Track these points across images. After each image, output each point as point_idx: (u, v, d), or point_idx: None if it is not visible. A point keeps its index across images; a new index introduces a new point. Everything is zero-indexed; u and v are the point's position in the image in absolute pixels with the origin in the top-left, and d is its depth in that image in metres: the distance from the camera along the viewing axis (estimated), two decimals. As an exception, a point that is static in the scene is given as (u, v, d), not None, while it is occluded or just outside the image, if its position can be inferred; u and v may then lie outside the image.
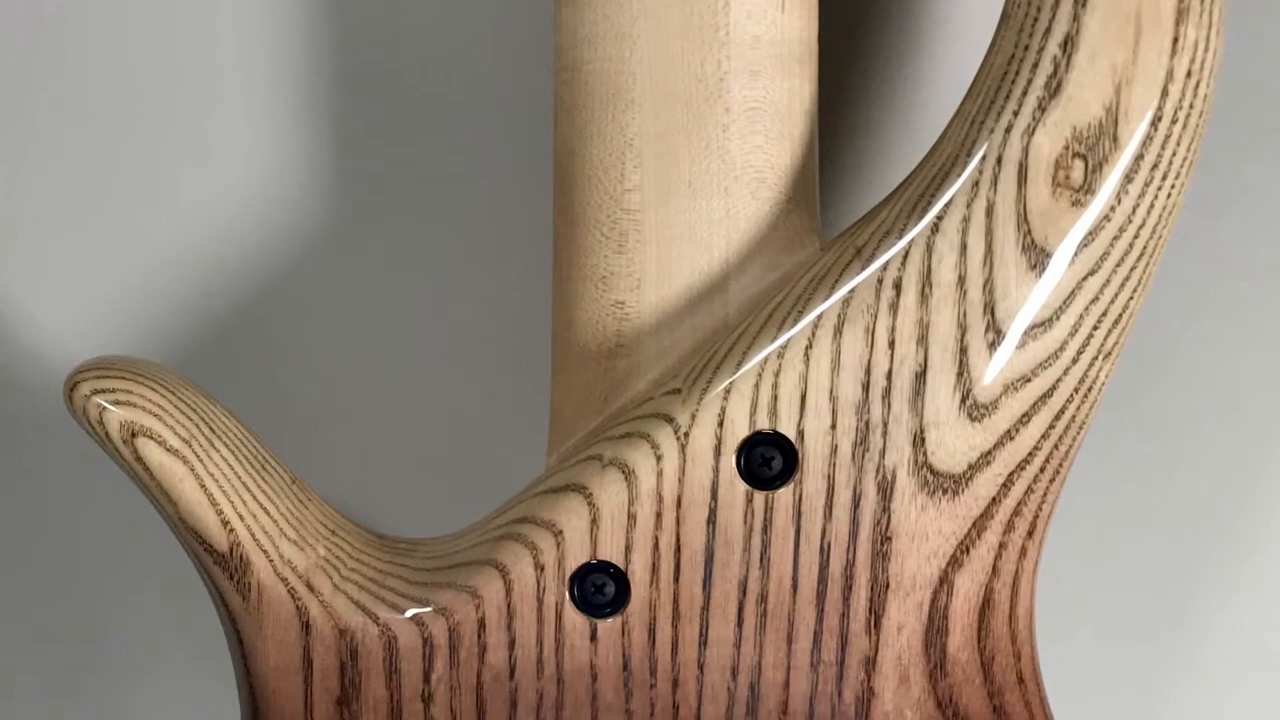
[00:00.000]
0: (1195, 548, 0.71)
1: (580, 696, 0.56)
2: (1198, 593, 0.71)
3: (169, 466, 0.55)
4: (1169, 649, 0.72)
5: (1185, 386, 0.69)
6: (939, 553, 0.54)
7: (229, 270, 0.70)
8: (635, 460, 0.54)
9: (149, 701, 0.76)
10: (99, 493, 0.73)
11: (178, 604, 0.74)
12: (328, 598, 0.56)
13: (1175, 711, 0.73)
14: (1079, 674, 0.72)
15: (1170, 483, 0.70)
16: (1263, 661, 0.72)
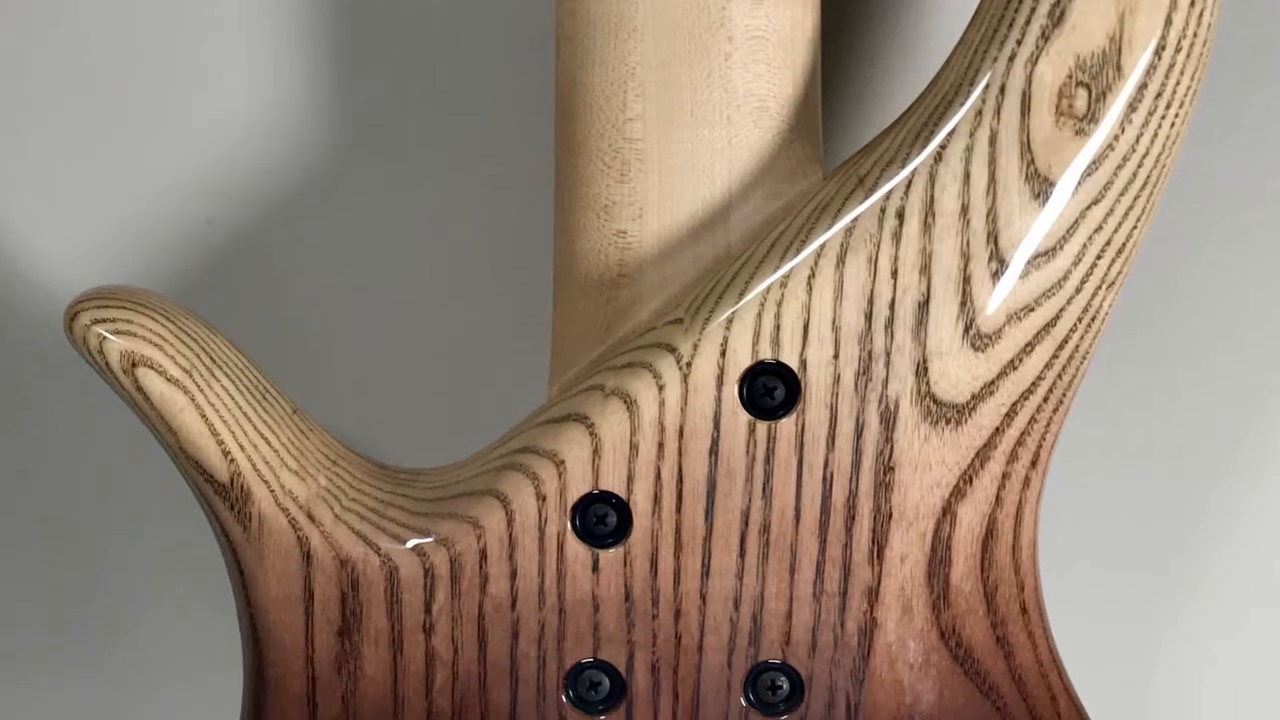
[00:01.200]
0: (1198, 477, 0.72)
1: (582, 627, 0.57)
2: (1201, 522, 0.73)
3: (169, 396, 0.55)
4: (1172, 579, 0.73)
5: (1189, 316, 0.70)
6: (942, 483, 0.56)
7: (230, 198, 0.70)
8: (637, 390, 0.55)
9: (149, 632, 0.77)
10: (99, 423, 0.73)
11: (178, 534, 0.74)
12: (329, 528, 0.57)
13: (1178, 641, 0.74)
14: (1082, 605, 0.72)
15: (1173, 412, 0.71)
16: (1265, 590, 0.74)
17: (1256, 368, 0.71)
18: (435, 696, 0.58)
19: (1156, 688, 0.75)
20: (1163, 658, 0.75)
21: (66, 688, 0.79)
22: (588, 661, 0.57)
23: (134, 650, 0.78)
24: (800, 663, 0.57)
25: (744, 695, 0.58)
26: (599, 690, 0.58)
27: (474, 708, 0.58)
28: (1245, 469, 0.72)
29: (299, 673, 0.58)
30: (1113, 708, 0.65)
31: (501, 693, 0.58)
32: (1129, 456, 0.72)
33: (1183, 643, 0.75)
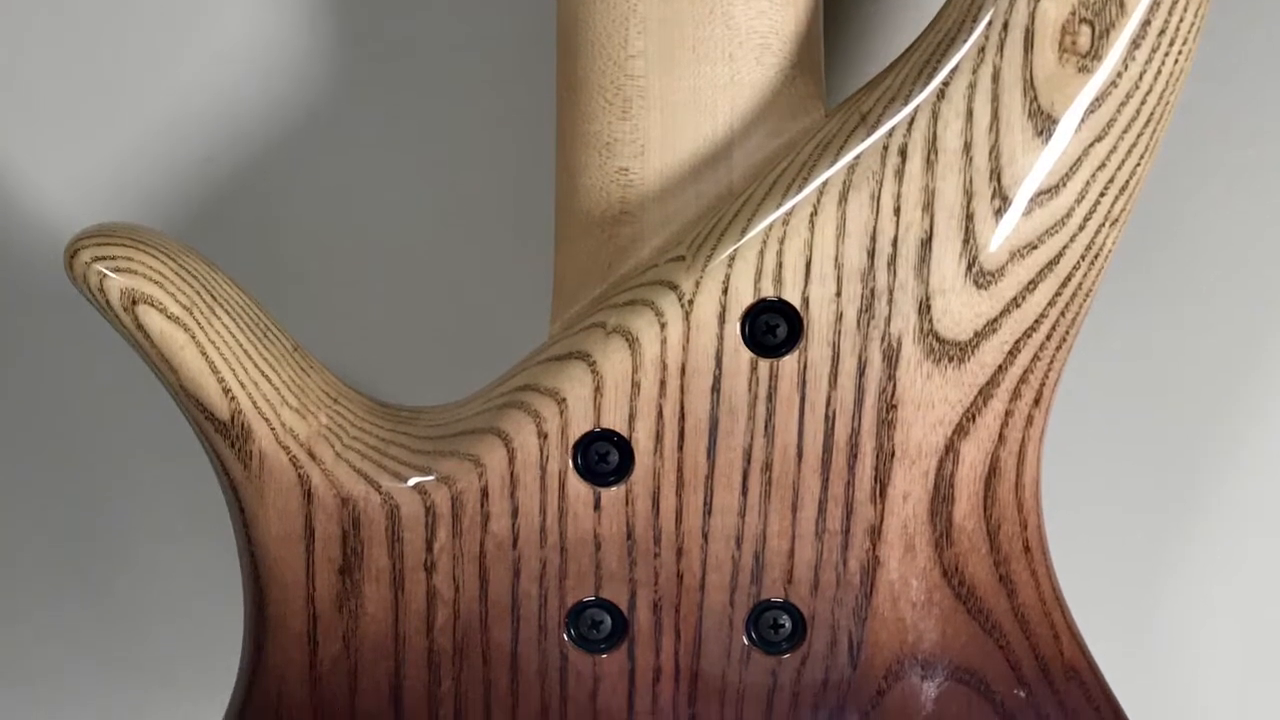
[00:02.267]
0: (1202, 415, 0.73)
1: (584, 565, 0.58)
2: (1204, 460, 0.74)
3: (170, 334, 0.56)
4: (1175, 517, 0.75)
5: (1192, 254, 0.71)
6: (945, 421, 0.57)
7: (230, 136, 0.70)
8: (639, 328, 0.56)
9: (149, 571, 0.78)
10: (100, 360, 0.74)
11: (178, 473, 0.75)
12: (329, 466, 0.58)
13: (1181, 580, 0.75)
14: (1085, 543, 0.73)
15: (1176, 350, 0.72)
16: (1267, 529, 0.75)
17: (1260, 305, 0.72)
18: (436, 635, 0.59)
19: (1159, 625, 0.76)
20: (1165, 595, 0.76)
21: (67, 626, 0.80)
22: (589, 600, 0.58)
23: (134, 589, 0.79)
24: (802, 601, 0.58)
25: (746, 634, 0.59)
26: (600, 629, 0.59)
27: (475, 646, 0.59)
28: (1248, 407, 0.73)
29: (300, 611, 0.59)
30: (1115, 646, 0.66)
31: (503, 631, 0.59)
32: (1132, 394, 0.73)
33: (1185, 580, 0.76)
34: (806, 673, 0.59)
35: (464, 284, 0.73)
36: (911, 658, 0.59)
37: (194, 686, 0.80)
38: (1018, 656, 0.59)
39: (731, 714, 0.59)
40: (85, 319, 0.62)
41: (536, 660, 0.59)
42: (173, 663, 0.80)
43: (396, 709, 0.60)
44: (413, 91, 0.70)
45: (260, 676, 0.60)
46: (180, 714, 0.81)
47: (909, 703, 0.59)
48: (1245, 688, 0.78)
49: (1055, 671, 0.60)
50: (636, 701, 0.59)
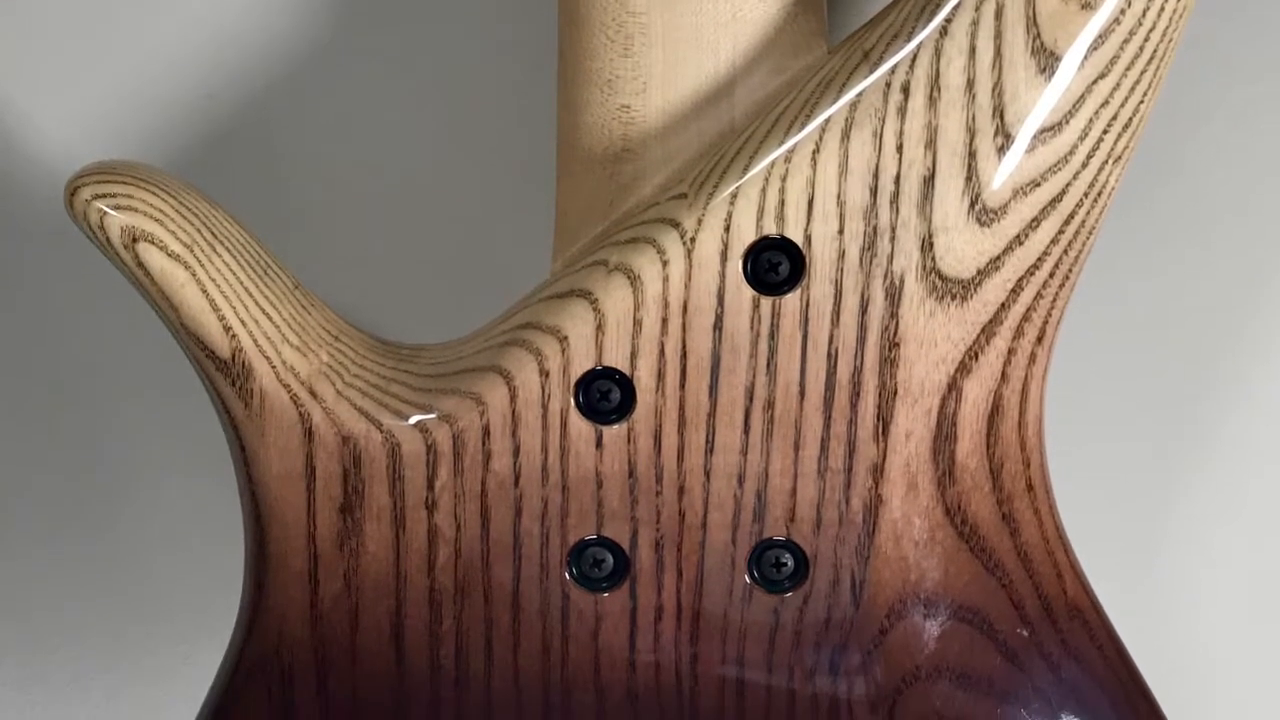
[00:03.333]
0: (1206, 353, 0.74)
1: (585, 504, 0.59)
2: (1208, 398, 0.75)
3: (170, 272, 0.57)
4: (1178, 454, 0.76)
5: (1196, 191, 0.72)
6: (947, 359, 0.58)
7: (231, 72, 0.71)
8: (641, 265, 0.57)
9: (149, 509, 0.79)
10: (100, 298, 0.75)
11: (179, 411, 0.76)
12: (330, 404, 0.59)
13: (1184, 518, 0.77)
14: (1089, 481, 0.74)
15: (1180, 288, 0.73)
16: (1272, 468, 0.76)
17: (1264, 243, 0.73)
18: (437, 574, 0.60)
19: (1162, 564, 0.78)
20: (1169, 533, 0.77)
21: (66, 565, 0.81)
22: (591, 539, 0.60)
23: (134, 527, 0.80)
24: (805, 540, 0.59)
25: (748, 572, 0.60)
26: (602, 567, 0.60)
27: (476, 585, 0.60)
28: (1252, 345, 0.74)
29: (301, 550, 0.60)
30: (1118, 584, 0.67)
31: (504, 570, 0.60)
32: (1135, 332, 0.74)
33: (1188, 519, 0.77)
34: (809, 611, 0.60)
35: (465, 222, 0.74)
36: (914, 596, 0.60)
37: (194, 625, 0.82)
38: (1021, 595, 0.60)
39: (733, 652, 0.60)
40: (86, 257, 0.62)
41: (538, 599, 0.60)
42: (173, 601, 0.81)
43: (397, 647, 0.61)
44: (413, 29, 0.71)
45: (261, 615, 0.61)
46: (180, 653, 0.82)
47: (911, 641, 0.60)
48: (1248, 626, 0.79)
49: (1058, 610, 0.61)
50: (638, 640, 0.60)
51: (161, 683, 0.83)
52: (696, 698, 0.61)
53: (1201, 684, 0.80)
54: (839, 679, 0.61)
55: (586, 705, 0.61)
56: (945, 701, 0.61)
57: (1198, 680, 0.79)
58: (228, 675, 0.62)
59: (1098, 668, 0.61)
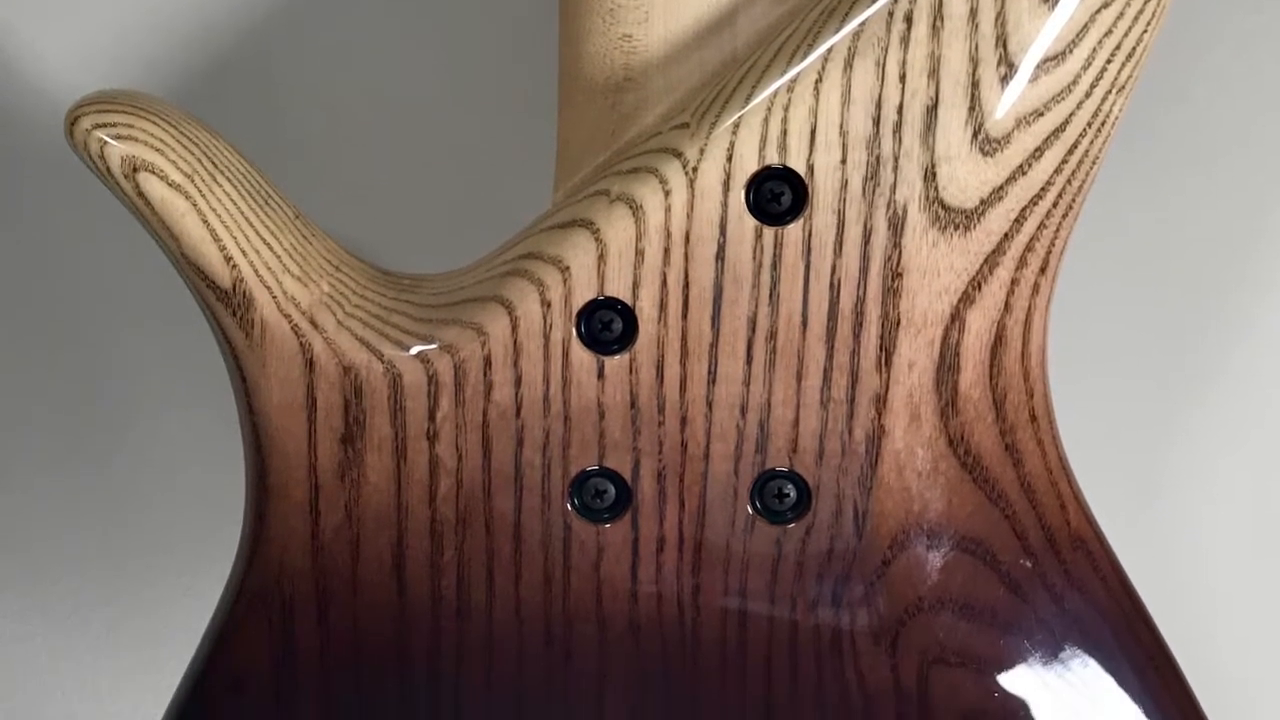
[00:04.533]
0: (1210, 283, 0.75)
1: (587, 434, 0.60)
2: (1211, 328, 0.76)
3: (171, 201, 0.58)
4: (1182, 385, 0.77)
5: (1199, 121, 0.72)
6: (950, 289, 0.58)
7: (231, 2, 0.72)
8: (643, 195, 0.58)
9: (150, 440, 0.81)
10: (100, 228, 0.76)
11: (180, 341, 0.77)
12: (331, 334, 0.60)
13: (1188, 449, 0.78)
14: (1092, 412, 0.75)
15: (1184, 218, 0.74)
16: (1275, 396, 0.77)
17: (1267, 173, 0.74)
18: (439, 504, 0.61)
19: (1165, 495, 0.79)
20: (1172, 464, 0.78)
21: (67, 496, 0.82)
22: (593, 469, 0.60)
23: (135, 458, 0.81)
24: (807, 470, 0.60)
25: (750, 503, 0.60)
26: (604, 498, 0.61)
27: (478, 516, 0.61)
28: (1255, 276, 0.75)
29: (302, 480, 0.61)
30: (1121, 515, 0.68)
31: (506, 501, 0.61)
32: (1139, 263, 0.75)
33: (1192, 449, 0.78)
34: (811, 542, 0.61)
35: (467, 152, 0.75)
36: (917, 527, 0.61)
37: (195, 556, 0.83)
38: (1024, 526, 0.61)
39: (735, 584, 0.61)
40: (87, 186, 0.63)
41: (540, 530, 0.61)
42: (173, 532, 0.83)
43: (399, 578, 0.62)
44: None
45: (262, 546, 0.62)
46: (181, 584, 0.83)
47: (914, 572, 0.61)
48: (1250, 557, 0.80)
49: (1061, 541, 0.62)
50: (640, 571, 0.61)
51: (162, 614, 0.85)
52: (698, 629, 0.62)
53: (1204, 614, 0.81)
54: (841, 610, 0.62)
55: (588, 636, 0.62)
56: (948, 632, 0.62)
57: (1201, 610, 0.81)
58: (228, 606, 0.63)
59: (1101, 598, 0.62)
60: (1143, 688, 0.63)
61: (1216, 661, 0.77)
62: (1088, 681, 0.63)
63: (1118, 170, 0.67)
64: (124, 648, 0.86)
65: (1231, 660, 0.83)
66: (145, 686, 0.87)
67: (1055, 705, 0.63)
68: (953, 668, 0.62)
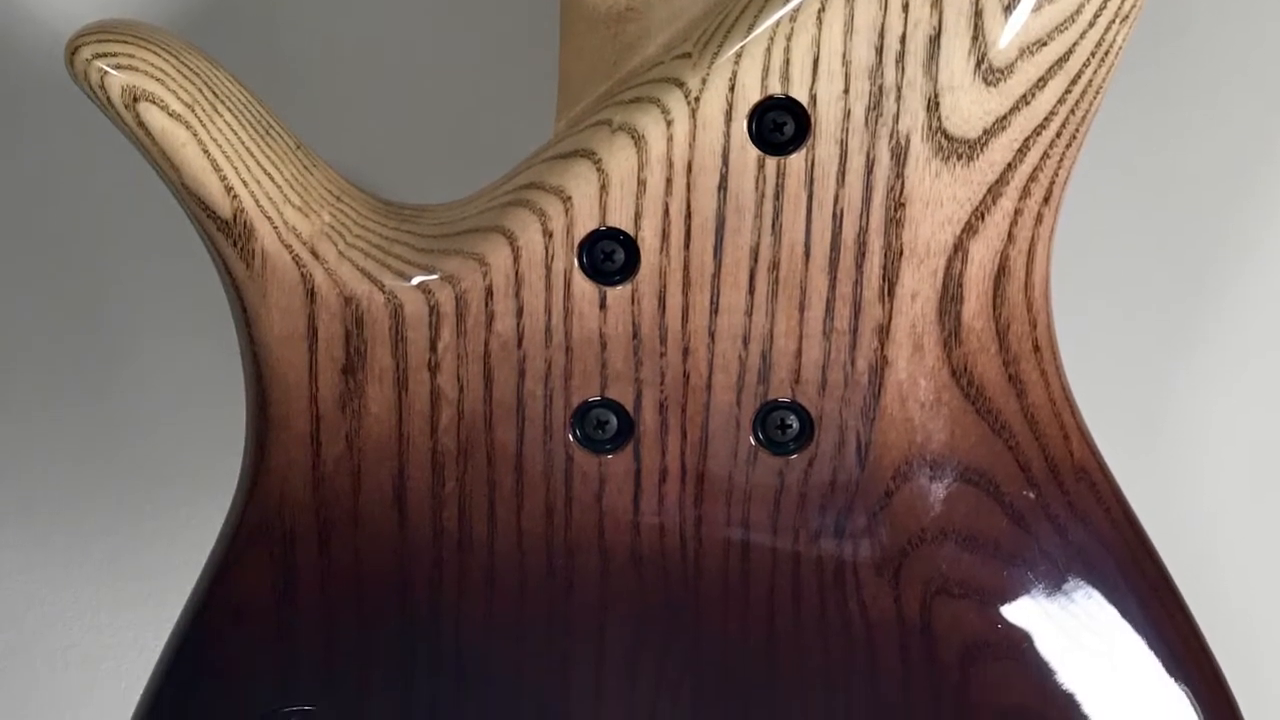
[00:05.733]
0: (1213, 214, 0.76)
1: (589, 365, 0.61)
2: (1214, 261, 0.76)
3: (171, 131, 0.58)
4: (1186, 316, 0.78)
5: (1204, 50, 0.73)
6: (954, 219, 0.59)
7: None
8: (645, 125, 0.59)
9: (150, 370, 0.82)
10: (101, 158, 0.76)
11: (180, 272, 0.77)
12: (332, 265, 0.61)
13: (1192, 379, 0.79)
14: (1095, 343, 0.76)
15: (1188, 146, 0.75)
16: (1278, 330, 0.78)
17: (1269, 103, 0.74)
18: (440, 435, 0.62)
19: (1169, 426, 0.80)
20: (1175, 396, 0.79)
21: (67, 427, 0.83)
22: (595, 400, 0.61)
23: (135, 389, 0.82)
24: (810, 401, 0.61)
25: (753, 434, 0.62)
26: (606, 429, 0.62)
27: (480, 447, 0.62)
28: (1258, 207, 0.76)
29: (303, 411, 0.62)
30: (1125, 447, 0.68)
31: (507, 432, 0.62)
32: (1143, 191, 0.75)
33: (1195, 381, 0.79)
34: (814, 473, 0.62)
35: (468, 81, 0.75)
36: (920, 458, 0.62)
37: (195, 487, 0.84)
38: (1027, 457, 0.62)
39: (738, 515, 0.62)
40: (88, 116, 0.63)
41: (541, 461, 0.62)
42: (174, 464, 0.83)
43: (400, 510, 0.63)
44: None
45: (262, 477, 0.63)
46: (181, 515, 0.84)
47: (917, 504, 0.62)
48: (1252, 488, 0.81)
49: (1065, 472, 0.63)
50: (642, 502, 0.62)
51: (162, 546, 0.86)
52: (701, 560, 0.63)
53: (1207, 546, 0.82)
54: (844, 541, 0.63)
55: (590, 568, 0.63)
56: (951, 564, 0.63)
57: (1203, 542, 0.81)
58: (229, 538, 0.64)
59: (1104, 530, 0.63)
60: (1146, 618, 0.64)
61: (1219, 592, 0.79)
62: (1091, 612, 0.64)
63: (1121, 101, 0.67)
64: (124, 579, 0.87)
65: (1234, 591, 0.84)
66: (146, 618, 0.88)
67: (1058, 636, 0.64)
68: (956, 599, 0.63)
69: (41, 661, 0.89)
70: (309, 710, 0.65)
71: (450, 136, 0.76)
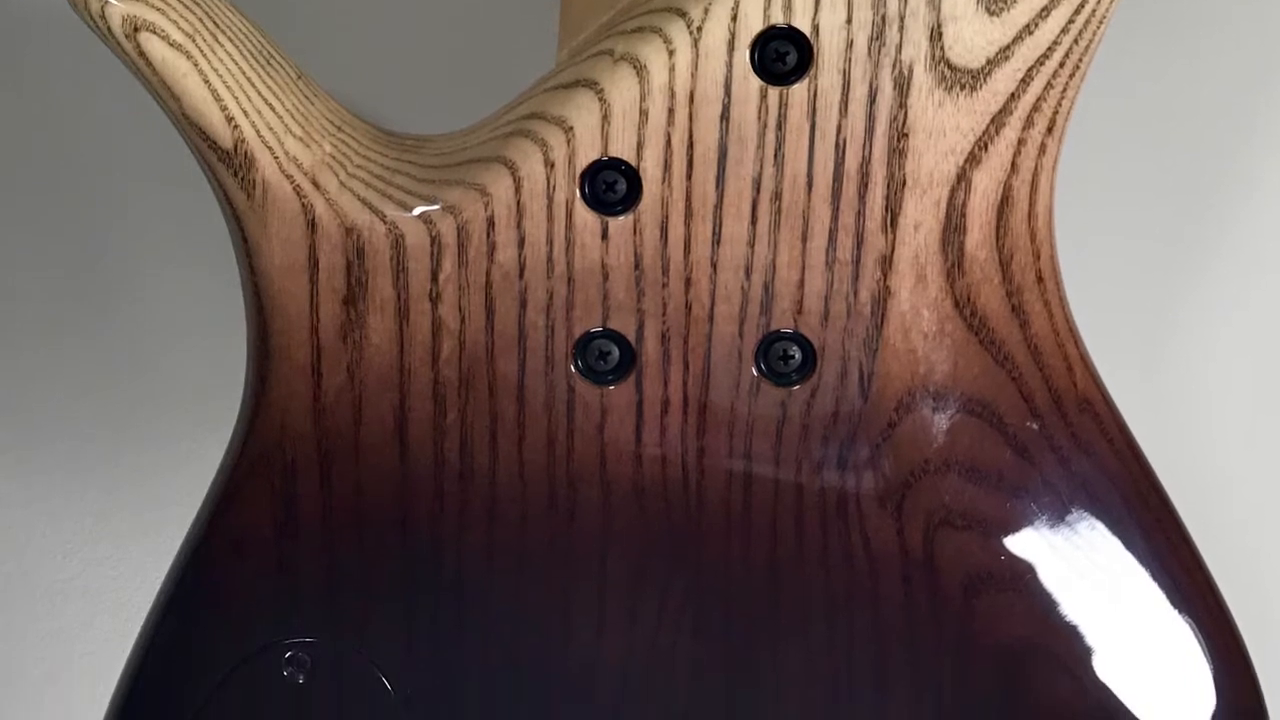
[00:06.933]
0: (1215, 145, 0.76)
1: (591, 296, 0.62)
2: (1218, 191, 0.77)
3: (172, 62, 0.59)
4: (1189, 247, 0.78)
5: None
6: (956, 149, 0.60)
7: None
8: (647, 55, 0.59)
9: (150, 302, 0.82)
10: (102, 89, 0.77)
11: (181, 202, 0.78)
12: (333, 195, 0.61)
13: (1195, 310, 0.80)
14: (1099, 273, 0.77)
15: (1192, 78, 0.75)
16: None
17: (1274, 33, 0.74)
18: (442, 366, 0.63)
19: (1171, 356, 0.81)
20: (1178, 326, 0.80)
21: (67, 359, 0.84)
22: (597, 331, 0.62)
23: (135, 320, 0.83)
24: (812, 332, 0.62)
25: (755, 365, 0.63)
26: (608, 360, 0.63)
27: (481, 378, 0.63)
28: (1262, 137, 0.76)
29: (304, 342, 0.63)
30: (1128, 377, 0.69)
31: (509, 363, 0.63)
32: (1146, 123, 0.76)
33: (1200, 311, 0.80)
34: (816, 404, 0.63)
35: (470, 11, 0.75)
36: (923, 389, 0.63)
37: (196, 419, 0.85)
38: (1030, 388, 0.63)
39: (740, 446, 0.63)
40: (88, 46, 0.63)
41: (543, 392, 0.63)
42: (175, 395, 0.84)
43: (401, 441, 0.64)
44: None
45: (264, 409, 0.64)
46: (182, 448, 0.85)
47: (920, 435, 0.63)
48: (1255, 418, 0.82)
49: (1068, 403, 0.64)
50: (644, 433, 0.63)
51: (163, 477, 0.87)
52: (703, 492, 0.64)
53: (1211, 477, 0.83)
54: (847, 473, 0.63)
55: (591, 499, 0.64)
56: (954, 495, 0.64)
57: (1208, 473, 0.82)
58: (230, 470, 0.65)
59: (1108, 461, 0.64)
60: (1149, 549, 0.65)
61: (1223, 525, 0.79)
62: (1094, 544, 0.65)
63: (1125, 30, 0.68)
64: (125, 511, 0.88)
65: (1238, 522, 0.85)
66: (146, 550, 0.89)
67: (1062, 567, 0.65)
68: (959, 530, 0.64)
69: (41, 594, 0.90)
70: (310, 642, 0.66)
71: (452, 67, 0.77)
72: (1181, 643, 0.66)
